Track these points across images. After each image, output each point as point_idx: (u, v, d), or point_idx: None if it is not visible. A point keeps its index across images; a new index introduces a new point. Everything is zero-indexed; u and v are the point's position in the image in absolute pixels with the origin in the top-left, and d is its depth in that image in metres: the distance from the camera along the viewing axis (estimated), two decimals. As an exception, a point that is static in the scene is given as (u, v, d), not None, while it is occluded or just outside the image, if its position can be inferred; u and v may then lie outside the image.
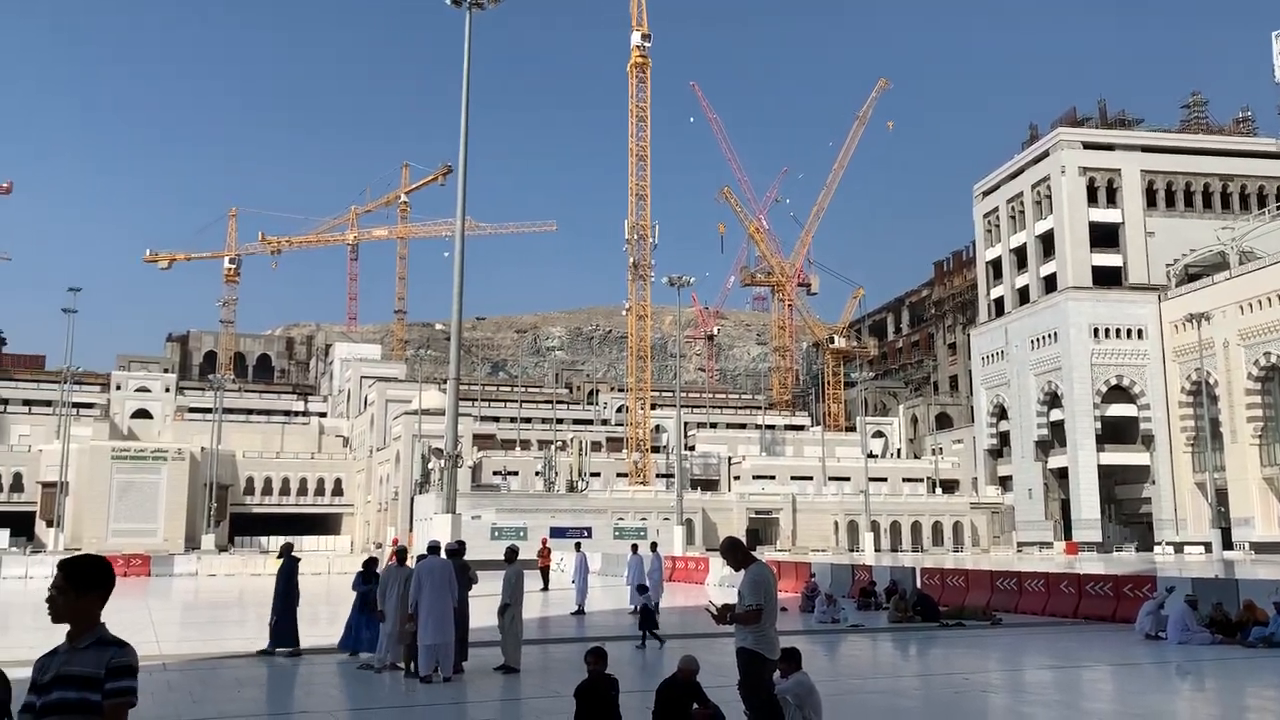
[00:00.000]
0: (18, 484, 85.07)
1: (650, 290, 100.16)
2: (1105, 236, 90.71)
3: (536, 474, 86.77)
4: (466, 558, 15.62)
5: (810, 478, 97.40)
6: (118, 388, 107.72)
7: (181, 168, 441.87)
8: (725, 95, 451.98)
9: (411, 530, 68.04)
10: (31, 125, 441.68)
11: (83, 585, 3.96)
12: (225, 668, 15.51)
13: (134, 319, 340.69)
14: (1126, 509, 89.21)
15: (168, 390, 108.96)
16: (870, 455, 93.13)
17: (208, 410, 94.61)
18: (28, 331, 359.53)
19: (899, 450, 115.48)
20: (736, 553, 8.68)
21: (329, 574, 47.51)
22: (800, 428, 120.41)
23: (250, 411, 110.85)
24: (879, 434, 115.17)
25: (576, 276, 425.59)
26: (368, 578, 17.06)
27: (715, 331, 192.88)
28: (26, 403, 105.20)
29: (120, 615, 18.54)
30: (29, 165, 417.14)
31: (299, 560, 17.83)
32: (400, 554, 16.03)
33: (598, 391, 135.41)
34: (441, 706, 12.45)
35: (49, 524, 76.20)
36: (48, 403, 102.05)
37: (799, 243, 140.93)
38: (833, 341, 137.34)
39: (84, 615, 3.94)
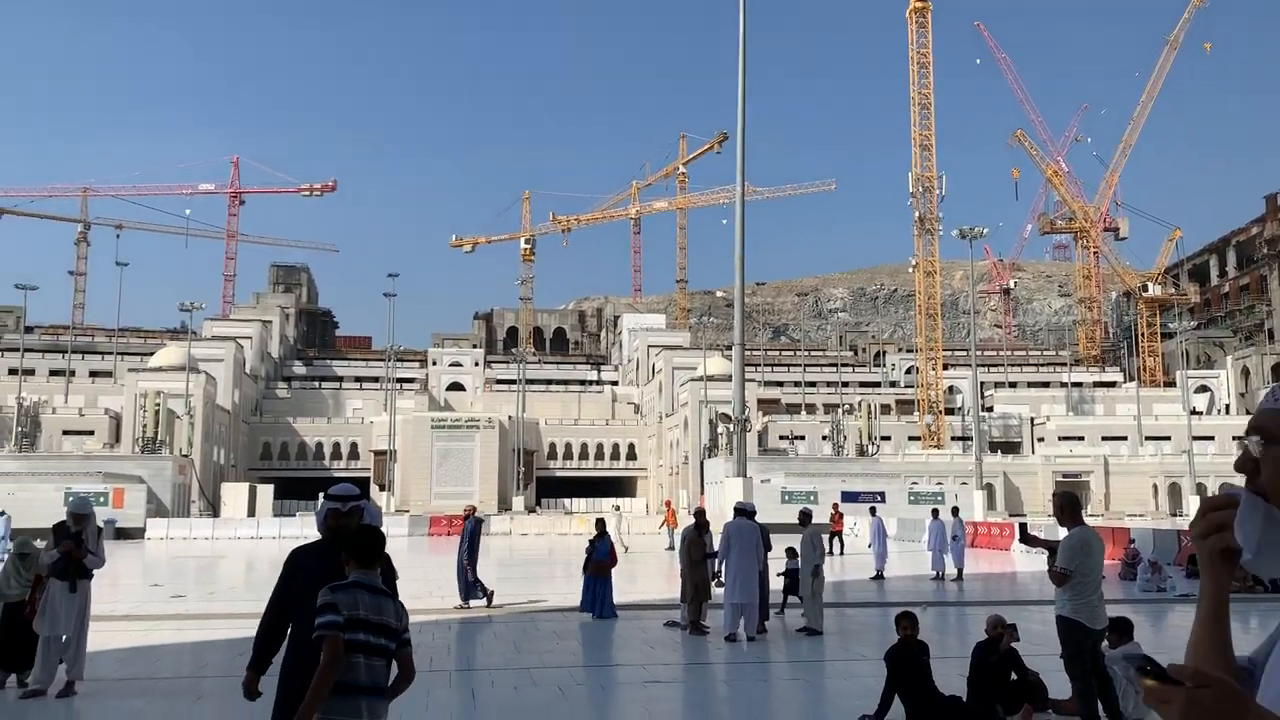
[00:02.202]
0: (354, 452, 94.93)
1: (938, 244, 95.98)
2: None
3: (824, 438, 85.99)
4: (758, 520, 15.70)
5: (1124, 438, 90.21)
6: (434, 363, 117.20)
7: (481, 159, 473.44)
8: (1012, 33, 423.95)
9: (703, 493, 69.54)
10: (350, 128, 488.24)
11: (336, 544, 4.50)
12: (543, 621, 16.49)
13: (445, 299, 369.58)
14: None
15: (476, 364, 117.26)
16: (1194, 412, 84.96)
17: (512, 381, 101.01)
18: (356, 315, 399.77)
19: (1227, 406, 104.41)
20: (1065, 512, 8.19)
21: (629, 534, 49.45)
22: (1111, 384, 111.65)
23: (549, 382, 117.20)
24: (1203, 389, 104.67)
25: (858, 235, 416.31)
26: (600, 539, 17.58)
27: (1012, 285, 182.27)
28: (358, 379, 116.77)
29: (447, 571, 20.18)
30: (350, 164, 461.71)
31: (483, 520, 19.82)
32: (699, 515, 16.35)
33: (884, 353, 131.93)
34: (748, 665, 12.58)
35: (381, 488, 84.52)
36: (375, 379, 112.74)
37: (1104, 184, 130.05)
38: (1146, 289, 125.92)
39: (348, 567, 4.43)
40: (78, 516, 10.44)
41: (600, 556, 16.77)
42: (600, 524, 17.97)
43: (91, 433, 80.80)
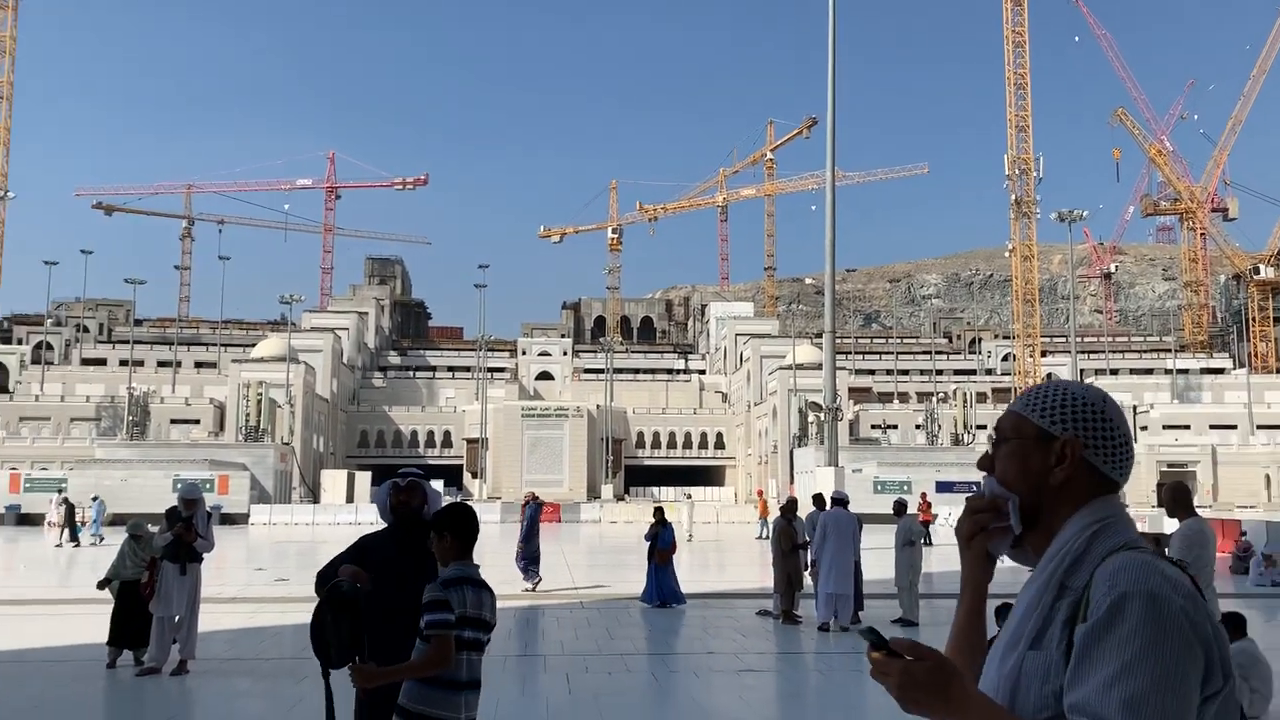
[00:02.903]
0: (447, 440, 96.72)
1: (1035, 228, 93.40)
2: None
3: (917, 427, 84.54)
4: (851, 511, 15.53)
5: (1233, 426, 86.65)
6: (523, 353, 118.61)
7: (568, 149, 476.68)
8: (1112, 8, 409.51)
9: (792, 483, 69.02)
10: (441, 123, 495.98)
11: (436, 527, 4.38)
12: (633, 608, 16.56)
13: (533, 289, 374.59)
14: None
15: (565, 354, 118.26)
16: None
17: (600, 371, 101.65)
18: (447, 306, 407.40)
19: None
20: (1177, 503, 7.88)
21: (717, 523, 49.43)
22: (1219, 371, 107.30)
23: (637, 371, 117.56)
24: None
25: (952, 219, 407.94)
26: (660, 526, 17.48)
27: (1113, 268, 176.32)
28: (450, 368, 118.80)
29: (542, 557, 20.44)
30: (441, 158, 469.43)
31: (542, 505, 20.71)
32: (789, 506, 16.23)
33: (980, 340, 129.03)
34: (841, 655, 12.45)
35: (473, 475, 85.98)
36: (467, 368, 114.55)
37: (1211, 163, 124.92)
38: (1258, 272, 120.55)
39: (444, 554, 4.34)
40: (188, 502, 10.83)
41: (664, 545, 16.72)
42: (659, 512, 17.84)
43: (198, 421, 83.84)
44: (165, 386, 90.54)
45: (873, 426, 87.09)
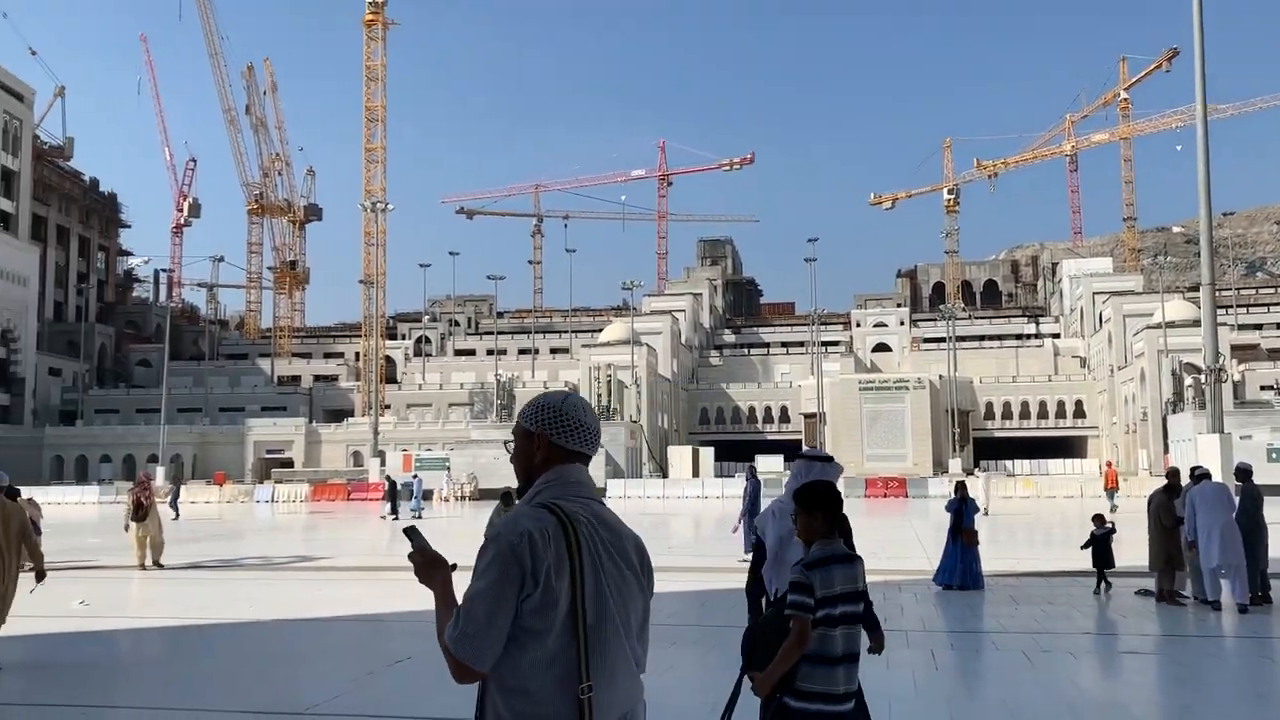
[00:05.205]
0: (784, 415, 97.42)
1: None
2: None
3: (1318, 386, 74.08)
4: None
5: None
6: (857, 325, 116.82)
7: (894, 111, 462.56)
8: None
9: (1167, 452, 63.01)
10: (762, 99, 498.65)
11: (806, 504, 4.40)
12: (1000, 585, 15.73)
13: (866, 259, 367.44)
14: None
15: (902, 323, 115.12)
16: None
17: (940, 339, 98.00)
18: (778, 282, 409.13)
19: None
20: None
21: (1081, 497, 46.28)
22: None
23: (981, 338, 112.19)
24: None
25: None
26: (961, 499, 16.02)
27: None
28: (783, 344, 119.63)
29: (890, 533, 20.07)
30: (765, 134, 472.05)
31: (760, 482, 20.27)
32: (1172, 475, 14.77)
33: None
34: (1237, 639, 11.22)
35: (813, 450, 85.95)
36: (800, 343, 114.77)
37: None
38: None
39: (811, 531, 4.37)
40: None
41: (968, 523, 15.50)
42: (961, 486, 16.64)
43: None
44: (525, 372, 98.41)
45: (1262, 388, 77.43)
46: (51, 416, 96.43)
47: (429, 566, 2.78)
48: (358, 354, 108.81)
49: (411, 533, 2.82)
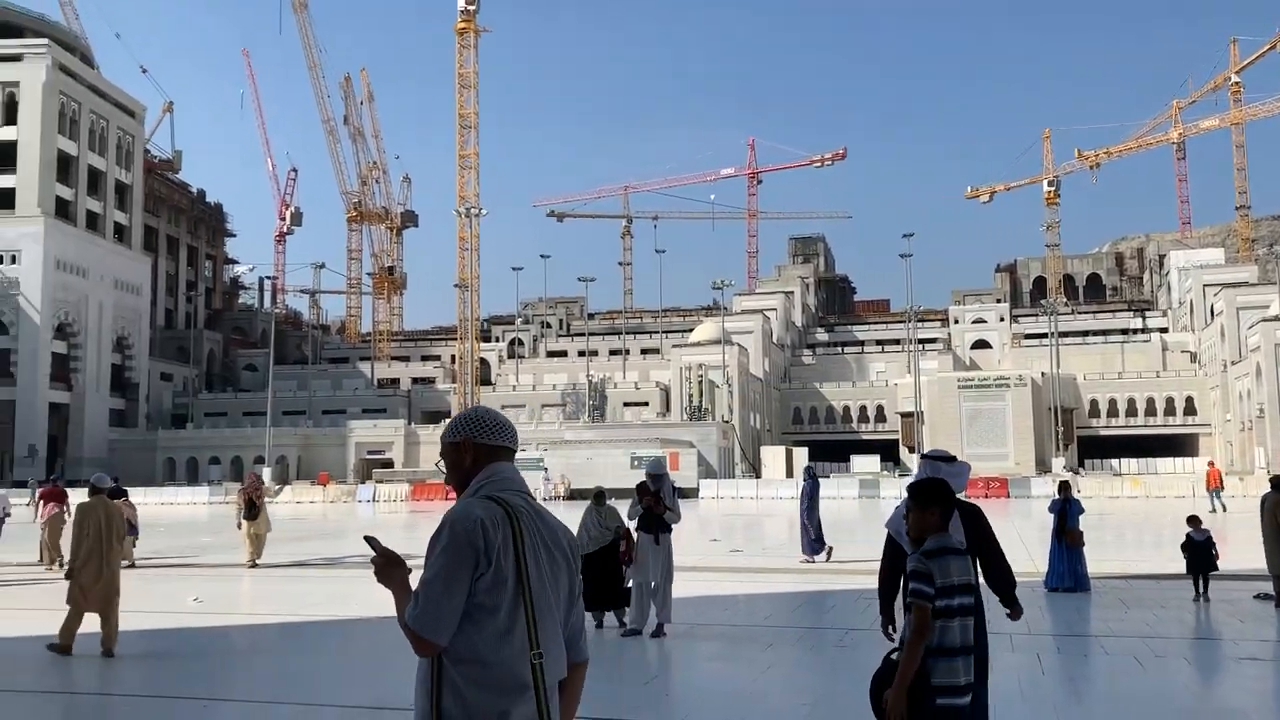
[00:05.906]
0: (880, 415, 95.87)
1: None
2: None
3: None
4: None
5: None
6: (955, 321, 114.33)
7: (990, 102, 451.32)
8: None
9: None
10: (853, 94, 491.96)
11: (921, 501, 4.50)
12: (1108, 588, 15.27)
13: (963, 254, 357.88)
14: None
15: (1001, 319, 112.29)
16: None
17: (1041, 335, 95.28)
18: (872, 279, 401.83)
19: None
20: None
21: (1192, 497, 44.60)
22: None
23: (1085, 333, 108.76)
24: None
25: None
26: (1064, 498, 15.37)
27: None
28: (879, 342, 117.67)
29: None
30: (857, 129, 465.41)
31: (819, 482, 21.12)
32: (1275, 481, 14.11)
33: None
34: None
35: (910, 450, 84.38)
36: (895, 341, 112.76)
37: None
38: None
39: (924, 527, 4.46)
40: (655, 476, 11.71)
41: (1072, 524, 14.96)
42: (1065, 486, 16.09)
43: (646, 403, 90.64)
44: (616, 373, 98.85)
45: (1391, 383, 73.32)
46: (164, 420, 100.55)
47: (388, 566, 2.99)
48: (454, 356, 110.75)
49: (371, 540, 3.06)
